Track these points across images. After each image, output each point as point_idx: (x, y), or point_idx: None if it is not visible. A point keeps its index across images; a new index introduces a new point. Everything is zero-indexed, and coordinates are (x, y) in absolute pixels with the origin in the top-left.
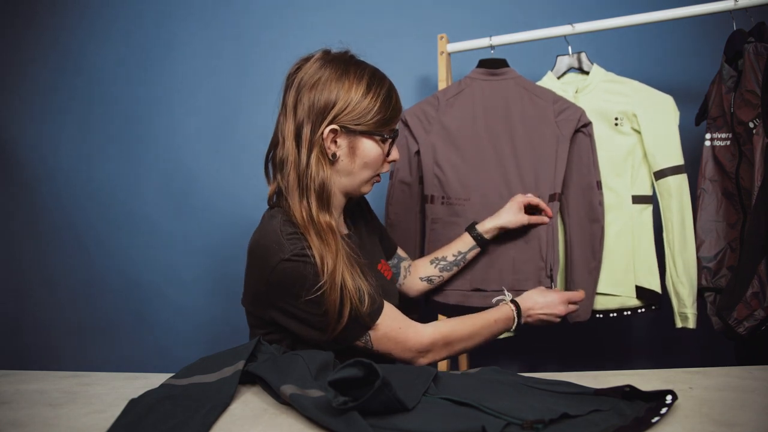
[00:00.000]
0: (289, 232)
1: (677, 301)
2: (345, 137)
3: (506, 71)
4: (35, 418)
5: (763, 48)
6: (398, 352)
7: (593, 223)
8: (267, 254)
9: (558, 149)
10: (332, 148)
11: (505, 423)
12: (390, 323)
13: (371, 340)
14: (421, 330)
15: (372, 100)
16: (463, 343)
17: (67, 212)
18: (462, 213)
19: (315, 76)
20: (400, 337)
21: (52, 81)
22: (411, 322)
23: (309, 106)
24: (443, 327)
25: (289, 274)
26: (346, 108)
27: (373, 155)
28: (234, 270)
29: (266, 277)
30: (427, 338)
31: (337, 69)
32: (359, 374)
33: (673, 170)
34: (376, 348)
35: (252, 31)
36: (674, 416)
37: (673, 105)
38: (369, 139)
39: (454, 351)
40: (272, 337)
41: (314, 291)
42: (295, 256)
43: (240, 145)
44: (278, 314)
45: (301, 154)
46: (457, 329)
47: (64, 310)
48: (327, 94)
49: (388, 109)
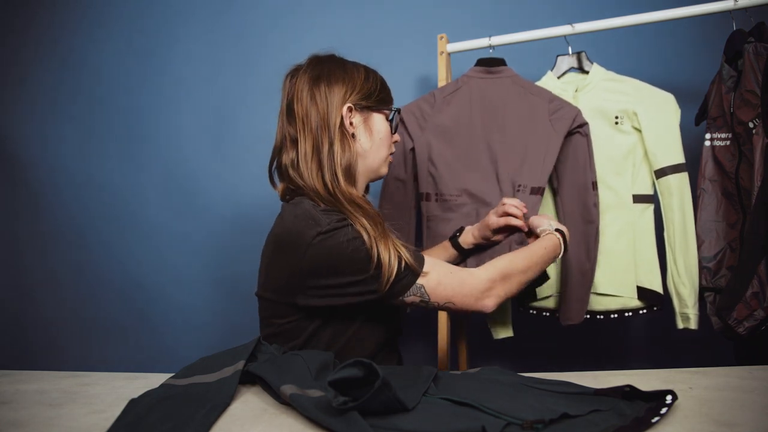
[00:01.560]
0: (321, 209)
1: (678, 302)
2: (359, 115)
3: (503, 70)
4: (35, 418)
5: (762, 48)
6: (459, 299)
7: (588, 224)
8: (301, 234)
9: (549, 146)
10: (351, 128)
11: (505, 423)
12: (440, 269)
13: (427, 291)
14: (475, 271)
15: (372, 82)
16: (521, 275)
17: (69, 212)
18: (456, 209)
19: (316, 72)
20: (455, 281)
21: (55, 81)
22: (461, 268)
23: (323, 97)
24: (498, 262)
25: (327, 246)
26: (354, 89)
27: (385, 129)
28: (235, 270)
29: (301, 257)
30: (483, 277)
31: (335, 62)
32: (359, 374)
33: (674, 168)
34: (434, 300)
35: (252, 32)
36: (674, 416)
37: (674, 103)
38: (378, 114)
39: (514, 285)
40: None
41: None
42: (334, 228)
43: (242, 145)
44: (314, 298)
45: (323, 140)
46: (513, 262)
47: (65, 309)
48: (335, 82)
49: (385, 91)
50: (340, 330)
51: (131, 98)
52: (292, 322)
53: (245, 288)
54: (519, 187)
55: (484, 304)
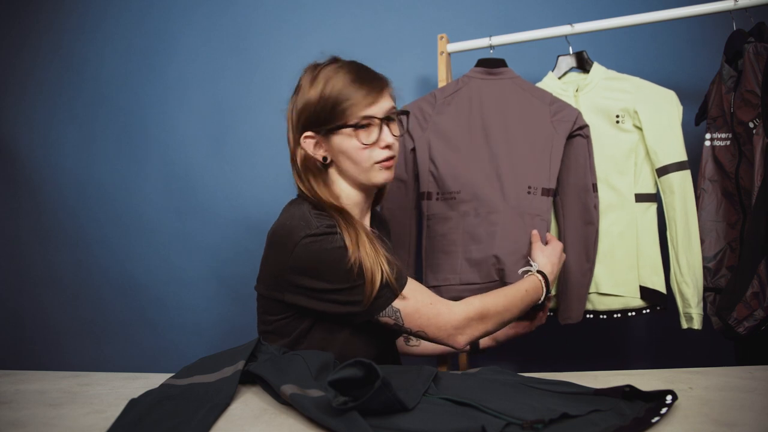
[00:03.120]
0: (316, 213)
1: (682, 302)
2: (322, 138)
3: (504, 71)
4: (35, 418)
5: (762, 48)
6: (432, 331)
7: (587, 225)
8: (291, 232)
9: (552, 147)
10: (319, 153)
11: (505, 423)
12: (420, 297)
13: (402, 316)
14: (454, 306)
15: (329, 94)
16: (498, 317)
17: (70, 212)
18: (455, 206)
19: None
20: (431, 312)
21: (56, 82)
22: (442, 299)
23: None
24: (476, 301)
25: (314, 251)
26: (310, 110)
27: (352, 146)
28: (235, 270)
29: (288, 256)
30: (460, 314)
31: (308, 76)
32: (359, 374)
33: (676, 167)
34: (407, 325)
35: (253, 32)
36: (674, 416)
37: (676, 100)
38: (337, 135)
39: (490, 325)
40: (285, 322)
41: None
42: (323, 233)
43: (242, 145)
44: (299, 296)
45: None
46: (491, 302)
47: (65, 309)
48: (300, 103)
49: (349, 96)
50: (329, 337)
51: (132, 98)
52: (283, 320)
53: (245, 288)
54: (531, 190)
55: (456, 341)
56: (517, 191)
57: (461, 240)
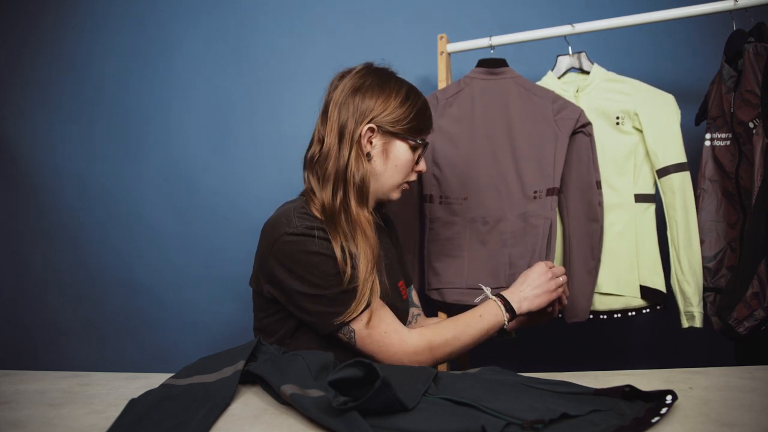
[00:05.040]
0: (301, 213)
1: (683, 301)
2: (380, 138)
3: (505, 71)
4: (35, 418)
5: (762, 48)
6: (382, 357)
7: (592, 222)
8: (275, 227)
9: (557, 146)
10: (367, 147)
11: (505, 423)
12: (377, 323)
13: (356, 337)
14: (407, 338)
15: (408, 108)
16: (449, 347)
17: (69, 212)
18: (460, 212)
19: (359, 82)
20: (384, 341)
21: (57, 82)
22: (399, 328)
23: (353, 108)
24: (428, 332)
25: (289, 248)
26: (384, 111)
27: (404, 158)
28: (235, 270)
29: (269, 249)
30: (411, 347)
31: (380, 78)
32: (359, 374)
33: (676, 168)
34: (359, 346)
35: (253, 33)
36: (674, 416)
37: (674, 103)
38: (402, 142)
39: (440, 355)
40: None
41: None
42: (301, 234)
43: (242, 145)
44: (275, 289)
45: (342, 150)
46: (440, 333)
47: (65, 309)
48: (369, 98)
49: (421, 119)
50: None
51: (133, 98)
52: (270, 317)
53: (245, 288)
54: (536, 194)
55: None
56: (523, 197)
57: (468, 245)
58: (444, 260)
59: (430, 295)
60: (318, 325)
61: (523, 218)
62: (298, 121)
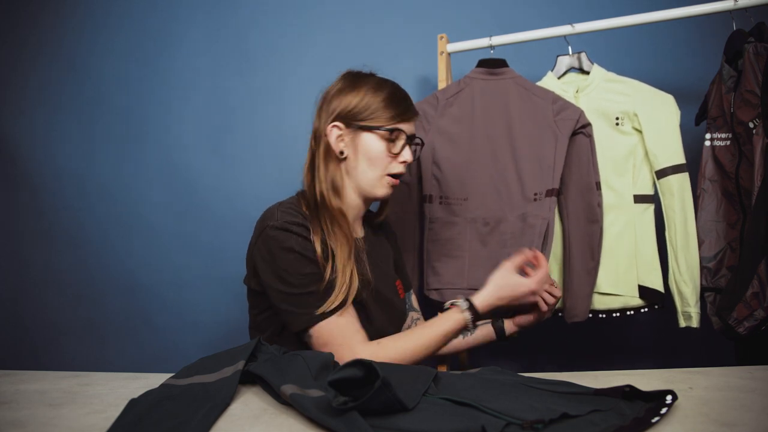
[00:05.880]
0: (286, 207)
1: (680, 301)
2: (348, 133)
3: (505, 71)
4: (35, 418)
5: (762, 48)
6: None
7: (592, 223)
8: (262, 220)
9: (557, 147)
10: (339, 146)
11: (505, 423)
12: (337, 332)
13: (312, 342)
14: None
15: (373, 97)
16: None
17: (70, 212)
18: (460, 213)
19: (334, 88)
20: (337, 353)
21: (57, 82)
22: (355, 341)
23: (324, 112)
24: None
25: (269, 243)
26: (350, 105)
27: (376, 150)
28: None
29: (255, 242)
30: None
31: (351, 79)
32: (359, 374)
33: (675, 169)
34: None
35: (254, 33)
36: (674, 416)
37: (674, 104)
38: (369, 134)
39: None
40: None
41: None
42: (282, 228)
43: (242, 146)
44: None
45: (318, 150)
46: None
47: (65, 309)
48: (337, 98)
49: (392, 106)
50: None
51: (133, 98)
52: (261, 314)
53: (245, 288)
54: (536, 196)
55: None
56: (523, 199)
57: (469, 245)
58: (444, 260)
59: (429, 295)
60: (289, 324)
61: (522, 219)
62: (298, 122)
